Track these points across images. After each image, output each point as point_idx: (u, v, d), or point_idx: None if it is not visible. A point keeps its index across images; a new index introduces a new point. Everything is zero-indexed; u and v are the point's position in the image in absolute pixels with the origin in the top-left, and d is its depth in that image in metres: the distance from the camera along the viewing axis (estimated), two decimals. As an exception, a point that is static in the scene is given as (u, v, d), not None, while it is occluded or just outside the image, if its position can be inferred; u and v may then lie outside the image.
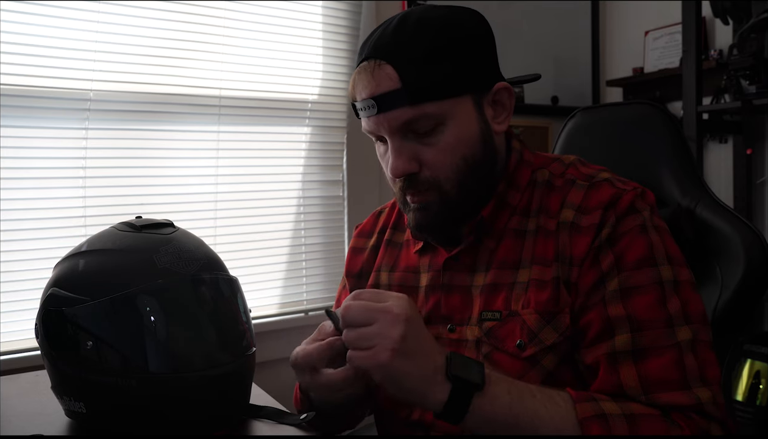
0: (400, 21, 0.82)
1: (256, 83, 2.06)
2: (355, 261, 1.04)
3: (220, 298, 0.86)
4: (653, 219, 0.82)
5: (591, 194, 0.83)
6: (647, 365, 0.75)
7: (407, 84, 0.79)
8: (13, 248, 1.65)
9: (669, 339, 0.75)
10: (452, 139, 0.82)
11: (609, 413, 0.71)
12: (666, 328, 0.75)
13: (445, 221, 0.86)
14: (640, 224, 0.80)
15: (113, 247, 0.84)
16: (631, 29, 3.02)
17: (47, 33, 1.67)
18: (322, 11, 2.17)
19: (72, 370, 0.80)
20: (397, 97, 0.79)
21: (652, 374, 0.74)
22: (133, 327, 0.79)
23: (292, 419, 0.86)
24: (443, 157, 0.82)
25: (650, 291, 0.77)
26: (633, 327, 0.76)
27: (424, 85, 0.79)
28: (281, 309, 2.16)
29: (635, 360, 0.75)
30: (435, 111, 0.80)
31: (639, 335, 0.75)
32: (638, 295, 0.77)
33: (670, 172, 1.09)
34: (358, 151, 2.27)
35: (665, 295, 0.77)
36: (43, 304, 0.84)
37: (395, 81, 0.79)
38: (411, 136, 0.82)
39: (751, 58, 2.16)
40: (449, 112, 0.81)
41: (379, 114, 0.81)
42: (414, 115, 0.80)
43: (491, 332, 0.83)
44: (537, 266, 0.83)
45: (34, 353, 1.60)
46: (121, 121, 1.83)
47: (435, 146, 0.82)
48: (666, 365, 0.74)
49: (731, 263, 0.99)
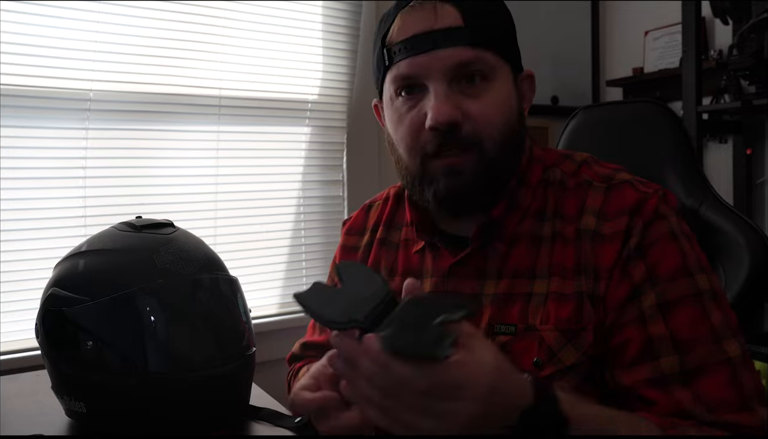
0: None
1: (256, 83, 2.05)
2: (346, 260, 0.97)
3: (220, 298, 0.86)
4: (681, 225, 0.77)
5: (612, 198, 0.77)
6: (702, 386, 0.69)
7: (471, 23, 0.76)
8: (13, 248, 1.65)
9: (719, 355, 0.70)
10: (500, 97, 0.79)
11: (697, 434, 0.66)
12: (713, 344, 0.70)
13: (479, 189, 0.79)
14: (669, 231, 0.75)
15: (113, 247, 0.84)
16: (630, 29, 3.01)
17: (47, 33, 1.67)
18: (322, 11, 2.17)
19: (72, 370, 0.80)
20: (459, 34, 0.75)
21: (709, 394, 0.69)
22: (133, 327, 0.79)
23: (288, 421, 0.86)
24: (490, 112, 0.77)
25: (690, 304, 0.72)
26: (678, 348, 0.70)
27: (486, 30, 0.77)
28: (281, 309, 2.16)
29: (686, 383, 0.69)
30: (492, 61, 0.78)
31: (687, 356, 0.70)
32: (678, 310, 0.71)
33: (673, 171, 1.07)
34: (358, 151, 2.27)
35: (706, 307, 0.72)
36: (43, 304, 0.84)
37: (458, 19, 0.76)
38: (455, 87, 0.77)
39: (751, 58, 2.16)
40: (499, 70, 0.79)
41: (434, 51, 0.76)
42: (472, 57, 0.76)
43: (505, 348, 0.76)
44: (556, 277, 0.77)
45: (34, 353, 1.60)
46: (121, 121, 1.83)
47: (482, 100, 0.77)
48: (722, 383, 0.69)
49: (734, 263, 0.98)
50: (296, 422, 0.85)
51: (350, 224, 1.03)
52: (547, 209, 0.81)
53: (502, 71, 0.79)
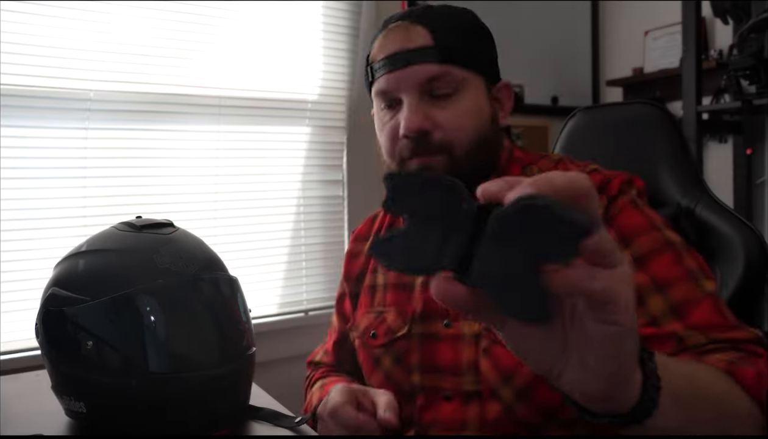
0: (427, 5, 0.89)
1: (256, 83, 2.06)
2: (352, 265, 1.05)
3: (220, 298, 0.86)
4: (642, 200, 0.85)
5: None
6: (690, 317, 0.74)
7: (439, 43, 0.85)
8: (13, 248, 1.65)
9: (699, 290, 0.76)
10: (469, 106, 0.87)
11: (727, 359, 0.67)
12: (692, 281, 0.76)
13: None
14: (631, 200, 0.83)
15: (113, 247, 0.84)
16: (631, 29, 3.02)
17: (47, 33, 1.67)
18: (322, 11, 2.17)
19: (72, 370, 0.80)
20: (427, 52, 0.85)
21: (700, 322, 0.74)
22: (133, 327, 0.79)
23: (288, 421, 0.86)
24: (458, 121, 0.86)
25: (663, 252, 0.78)
26: (661, 288, 0.76)
27: (454, 47, 0.86)
28: (281, 309, 2.16)
29: (676, 317, 0.75)
30: (458, 75, 0.86)
31: (670, 293, 0.76)
32: (653, 259, 0.78)
33: (670, 172, 1.09)
34: (358, 151, 2.27)
35: (679, 254, 0.78)
36: (44, 304, 0.84)
37: (428, 39, 0.85)
38: (427, 98, 0.86)
39: (751, 58, 2.16)
40: (468, 82, 0.87)
41: (406, 67, 0.85)
42: (440, 72, 0.85)
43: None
44: None
45: (34, 353, 1.60)
46: (121, 121, 1.83)
47: (450, 110, 0.86)
48: (708, 311, 0.74)
49: (731, 263, 0.99)
50: (296, 422, 0.85)
51: (358, 232, 1.10)
52: None
53: (472, 83, 0.88)
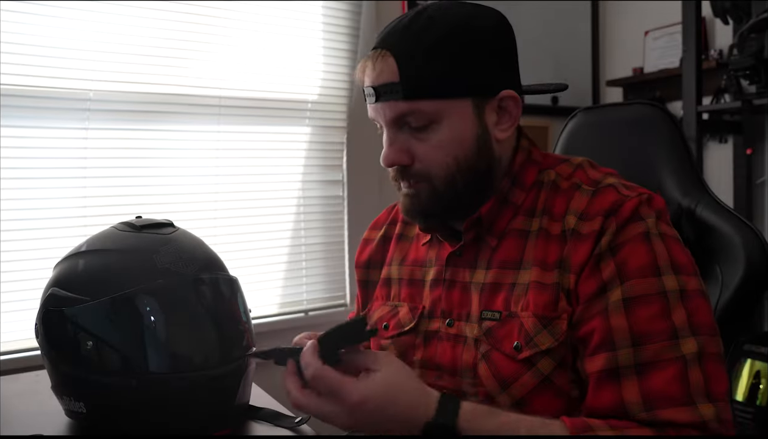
0: (415, 15, 0.84)
1: (257, 83, 2.06)
2: (364, 252, 1.06)
3: (220, 298, 0.86)
4: (659, 226, 0.79)
5: (594, 201, 0.81)
6: (650, 381, 0.73)
7: (405, 78, 0.80)
8: (13, 248, 1.65)
9: (672, 352, 0.73)
10: (445, 137, 0.83)
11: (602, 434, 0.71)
12: (670, 340, 0.73)
13: (434, 209, 0.87)
14: (643, 232, 0.78)
15: (113, 247, 0.84)
16: (630, 29, 3.01)
17: (47, 33, 1.67)
18: (322, 11, 2.17)
19: (72, 370, 0.81)
20: (393, 89, 0.81)
21: (654, 389, 0.72)
22: (133, 327, 0.79)
23: (288, 421, 0.86)
24: (434, 154, 0.83)
25: (653, 302, 0.75)
26: (635, 341, 0.74)
27: (421, 82, 0.81)
28: (281, 309, 2.16)
29: (638, 375, 0.73)
30: (429, 109, 0.81)
31: (641, 350, 0.74)
32: (641, 306, 0.75)
33: (670, 172, 1.08)
34: (358, 151, 2.27)
35: (669, 305, 0.75)
36: (43, 304, 0.84)
37: (394, 74, 0.81)
38: (406, 128, 0.84)
39: (751, 58, 2.15)
40: (445, 112, 0.82)
41: (377, 103, 0.83)
42: (407, 110, 0.82)
43: (490, 332, 0.83)
44: (538, 268, 0.82)
45: (34, 353, 1.59)
46: (121, 121, 1.83)
47: (427, 142, 0.83)
48: (669, 379, 0.72)
49: (731, 263, 0.99)
50: (296, 422, 0.85)
51: (375, 220, 1.10)
52: (537, 207, 0.87)
53: (453, 110, 0.83)
